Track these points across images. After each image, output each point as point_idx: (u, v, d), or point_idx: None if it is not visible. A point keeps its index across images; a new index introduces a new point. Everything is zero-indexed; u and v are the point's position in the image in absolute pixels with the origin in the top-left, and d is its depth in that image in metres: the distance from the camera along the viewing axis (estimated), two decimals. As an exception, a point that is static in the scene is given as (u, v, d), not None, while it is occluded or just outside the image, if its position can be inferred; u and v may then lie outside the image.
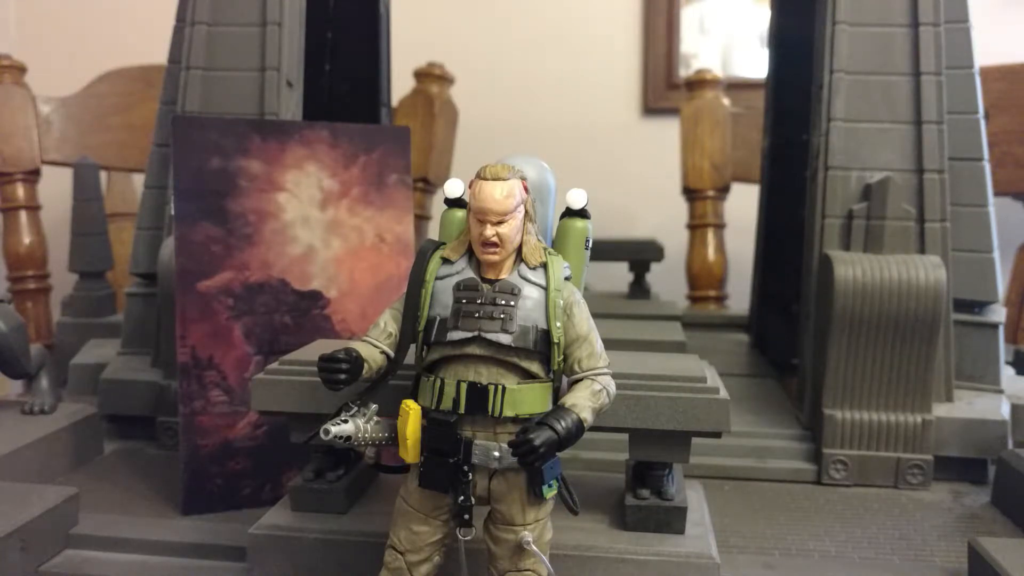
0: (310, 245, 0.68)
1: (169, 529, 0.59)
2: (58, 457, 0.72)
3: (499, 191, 0.42)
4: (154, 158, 0.90)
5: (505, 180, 0.42)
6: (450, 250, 0.45)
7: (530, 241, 0.43)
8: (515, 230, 0.42)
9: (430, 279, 0.44)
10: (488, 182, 0.42)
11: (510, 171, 0.43)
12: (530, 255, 0.43)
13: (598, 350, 0.44)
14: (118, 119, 1.48)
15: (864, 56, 0.81)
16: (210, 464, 0.64)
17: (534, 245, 0.43)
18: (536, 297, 0.43)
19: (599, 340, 0.44)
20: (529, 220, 0.44)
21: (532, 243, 0.43)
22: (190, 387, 0.63)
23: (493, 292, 0.42)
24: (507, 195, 0.42)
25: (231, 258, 0.65)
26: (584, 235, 0.46)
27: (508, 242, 0.42)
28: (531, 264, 0.43)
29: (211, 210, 0.65)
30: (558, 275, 0.43)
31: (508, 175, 0.42)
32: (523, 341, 0.42)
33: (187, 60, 0.84)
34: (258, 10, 0.83)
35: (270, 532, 0.53)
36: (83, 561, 0.56)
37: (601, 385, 0.43)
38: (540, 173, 0.47)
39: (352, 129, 0.70)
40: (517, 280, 0.43)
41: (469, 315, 0.42)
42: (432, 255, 0.44)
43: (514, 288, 0.42)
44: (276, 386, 0.55)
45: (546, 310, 0.43)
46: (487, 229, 0.42)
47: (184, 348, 0.63)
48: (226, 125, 0.68)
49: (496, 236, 0.42)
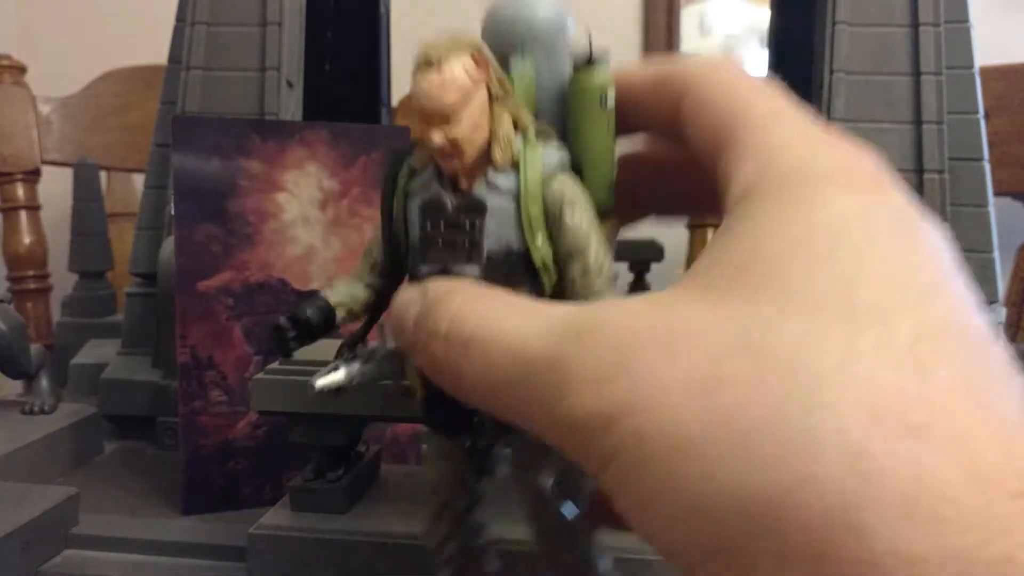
0: (310, 245, 0.68)
1: (169, 529, 0.59)
2: (58, 457, 0.72)
3: (433, 82, 0.28)
4: (154, 158, 0.90)
5: (440, 64, 0.28)
6: (416, 157, 0.32)
7: (500, 132, 0.29)
8: (471, 127, 0.29)
9: (399, 194, 0.32)
10: (420, 70, 0.29)
11: (449, 47, 0.28)
12: (499, 153, 0.29)
13: (592, 264, 0.30)
14: (118, 119, 1.47)
15: (864, 56, 0.81)
16: (210, 464, 0.64)
17: (505, 137, 0.29)
18: (505, 210, 0.30)
19: (598, 249, 0.30)
20: (499, 102, 0.29)
21: (502, 134, 0.29)
22: (190, 387, 0.63)
23: (457, 212, 0.30)
24: (445, 86, 0.28)
25: (231, 258, 0.65)
26: (599, 93, 0.30)
27: (466, 144, 0.29)
28: (499, 166, 0.30)
29: (211, 210, 0.65)
30: (534, 174, 0.30)
31: (445, 54, 0.28)
32: (496, 272, 0.30)
33: (187, 60, 0.84)
34: (258, 10, 0.84)
35: (270, 532, 0.53)
36: (83, 561, 0.56)
37: None
38: (547, 10, 0.31)
39: (352, 129, 0.70)
40: (485, 191, 0.30)
41: (434, 244, 0.30)
42: (401, 165, 0.33)
43: (479, 204, 0.30)
44: (276, 386, 0.55)
45: (519, 225, 0.30)
46: (433, 134, 0.29)
47: (184, 348, 0.63)
48: (226, 125, 0.68)
49: (446, 142, 0.29)
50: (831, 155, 0.21)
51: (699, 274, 0.20)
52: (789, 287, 0.18)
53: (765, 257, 0.19)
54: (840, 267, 0.18)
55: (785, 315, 0.17)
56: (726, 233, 0.20)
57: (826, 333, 0.17)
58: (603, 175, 0.29)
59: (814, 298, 0.17)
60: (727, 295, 0.18)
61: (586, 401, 0.18)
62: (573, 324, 0.20)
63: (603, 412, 0.18)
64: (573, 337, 0.20)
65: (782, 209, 0.20)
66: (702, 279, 0.20)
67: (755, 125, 0.22)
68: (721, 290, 0.19)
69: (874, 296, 0.17)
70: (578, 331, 0.20)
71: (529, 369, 0.20)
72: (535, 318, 0.21)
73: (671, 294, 0.20)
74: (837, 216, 0.19)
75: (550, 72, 0.30)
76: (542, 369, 0.20)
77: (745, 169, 0.21)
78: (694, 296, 0.19)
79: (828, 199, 0.19)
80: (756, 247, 0.19)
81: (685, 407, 0.17)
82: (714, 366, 0.17)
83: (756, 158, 0.21)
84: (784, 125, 0.22)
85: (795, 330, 0.17)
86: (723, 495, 0.16)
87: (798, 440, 0.16)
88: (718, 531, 0.16)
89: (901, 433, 0.15)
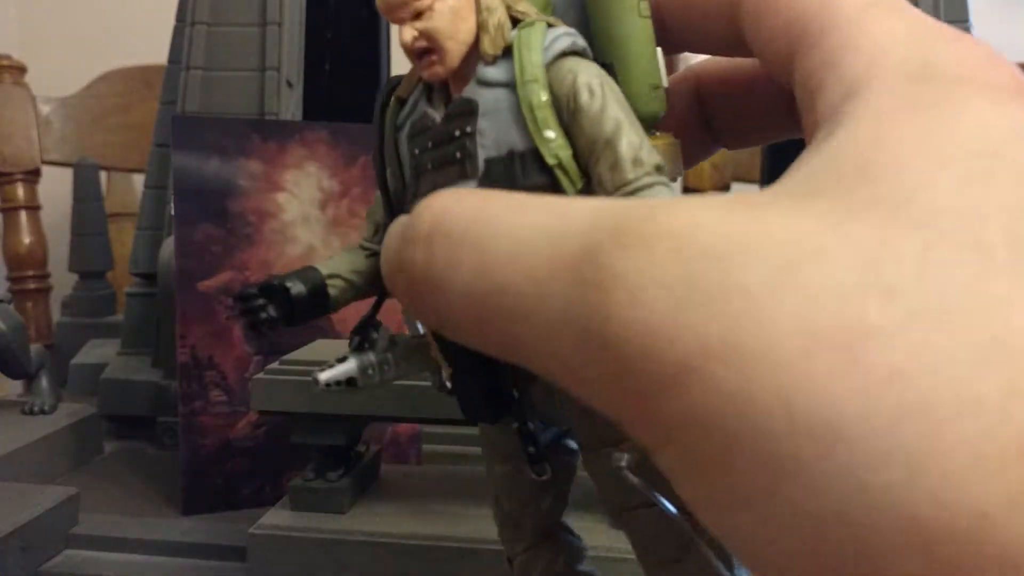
0: (310, 245, 0.68)
1: (169, 529, 0.59)
2: (58, 457, 0.72)
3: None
4: (154, 158, 0.90)
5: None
6: (402, 85, 0.26)
7: (489, 21, 0.23)
8: (449, 16, 0.23)
9: (389, 133, 0.26)
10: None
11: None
12: (488, 42, 0.23)
13: (624, 153, 0.21)
14: (118, 119, 1.47)
15: (864, 56, 0.81)
16: (210, 464, 0.64)
17: (496, 24, 0.23)
18: (501, 103, 0.23)
19: (632, 136, 0.21)
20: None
21: (493, 22, 0.23)
22: (190, 387, 0.63)
23: (445, 122, 0.24)
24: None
25: (231, 258, 0.65)
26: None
27: (444, 39, 0.23)
28: (489, 57, 0.23)
29: (211, 210, 0.65)
30: (532, 54, 0.22)
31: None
32: (499, 183, 0.22)
33: (187, 60, 0.84)
34: (258, 10, 0.84)
35: (270, 532, 0.53)
36: (83, 561, 0.56)
37: None
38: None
39: (352, 129, 0.70)
40: (474, 90, 0.23)
41: (423, 169, 0.25)
42: (388, 101, 0.27)
43: (467, 104, 0.23)
44: (276, 386, 0.55)
45: (520, 118, 0.22)
46: (403, 31, 0.23)
47: (184, 348, 0.63)
48: (226, 125, 0.68)
49: (419, 36, 0.23)
50: (960, 53, 0.16)
51: (802, 176, 0.15)
52: (937, 210, 0.13)
53: (897, 165, 0.14)
54: (1003, 196, 0.13)
55: (940, 250, 0.13)
56: (832, 135, 0.15)
57: (1009, 282, 0.12)
58: (642, 73, 0.22)
59: (977, 233, 0.13)
60: (852, 208, 0.13)
61: (640, 332, 0.13)
62: (612, 219, 0.14)
63: (668, 354, 0.13)
64: (615, 236, 0.14)
65: (914, 111, 0.15)
66: (808, 182, 0.14)
67: (849, 16, 0.17)
68: (839, 199, 0.14)
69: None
70: (619, 229, 0.14)
71: (548, 278, 0.14)
72: (552, 212, 0.15)
73: (766, 195, 0.14)
74: (989, 130, 0.14)
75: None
76: (565, 280, 0.14)
77: (848, 64, 0.17)
78: (802, 203, 0.14)
79: (971, 107, 0.15)
80: (881, 149, 0.14)
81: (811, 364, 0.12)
82: (850, 310, 0.12)
83: (860, 53, 0.16)
84: (889, 16, 0.17)
85: (962, 275, 0.12)
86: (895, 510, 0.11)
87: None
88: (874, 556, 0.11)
89: None
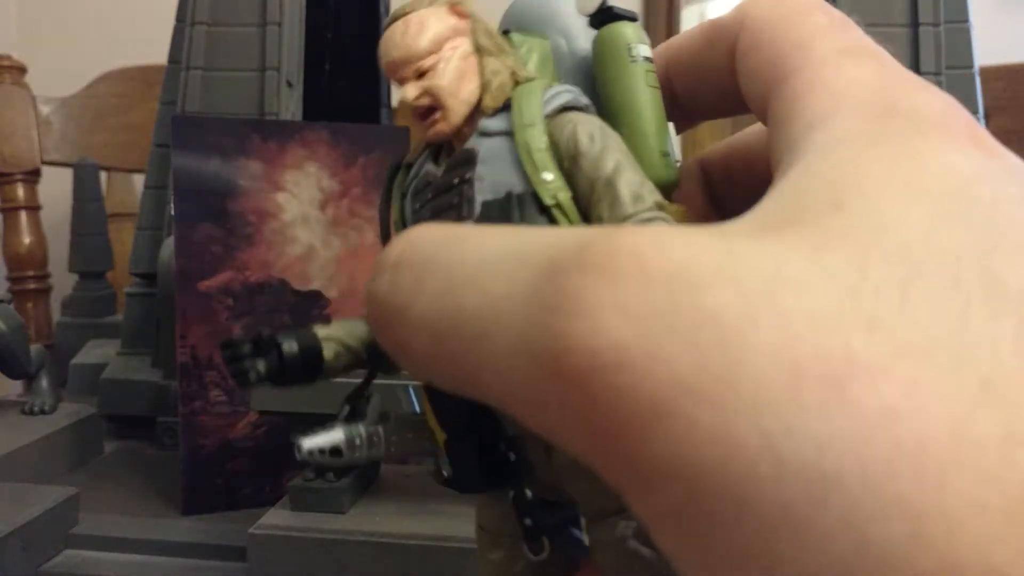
0: (310, 245, 0.68)
1: (169, 529, 0.59)
2: (58, 457, 0.72)
3: (398, 29, 0.24)
4: (154, 158, 0.90)
5: (409, 13, 0.24)
6: (410, 154, 0.27)
7: (493, 81, 0.24)
8: (453, 75, 0.24)
9: (396, 200, 0.27)
10: (388, 28, 0.25)
11: (421, 2, 0.24)
12: (489, 98, 0.24)
13: (623, 193, 0.21)
14: (118, 119, 1.48)
15: (864, 56, 0.81)
16: (210, 464, 0.64)
17: (498, 84, 0.24)
18: (499, 149, 0.23)
19: (631, 176, 0.22)
20: (490, 55, 0.24)
21: (496, 82, 0.24)
22: (190, 387, 0.63)
23: (446, 174, 0.24)
24: (413, 32, 0.24)
25: (231, 258, 0.65)
26: (624, 42, 0.24)
27: (447, 96, 0.24)
28: (489, 110, 0.24)
29: (211, 210, 0.65)
30: (531, 103, 0.23)
31: (414, 6, 0.24)
32: (494, 221, 0.23)
33: (187, 60, 0.84)
34: (258, 10, 0.84)
35: (270, 532, 0.53)
36: (83, 561, 0.56)
37: None
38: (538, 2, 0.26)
39: (352, 129, 0.71)
40: (474, 141, 0.24)
41: (421, 219, 0.25)
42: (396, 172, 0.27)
43: (467, 154, 0.24)
44: (276, 386, 0.55)
45: (517, 161, 0.23)
46: (407, 88, 0.24)
47: (184, 348, 0.63)
48: (226, 125, 0.68)
49: (424, 94, 0.24)
50: (924, 100, 0.16)
51: (771, 206, 0.14)
52: (912, 245, 0.13)
53: (868, 197, 0.13)
54: (974, 237, 0.13)
55: (920, 285, 0.12)
56: (798, 164, 0.15)
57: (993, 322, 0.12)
58: (652, 142, 0.23)
59: (954, 271, 0.12)
60: (827, 237, 0.13)
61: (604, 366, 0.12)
62: (576, 239, 0.13)
63: (637, 391, 0.12)
64: (577, 256, 0.13)
65: (880, 144, 0.15)
66: (778, 212, 0.14)
67: (821, 59, 0.18)
68: (812, 228, 0.13)
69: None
70: (581, 249, 0.13)
71: (505, 297, 0.14)
72: (519, 235, 0.15)
73: (737, 224, 0.14)
74: (954, 171, 0.14)
75: (572, 56, 0.25)
76: (522, 301, 0.13)
77: (814, 98, 0.17)
78: (774, 232, 0.13)
79: (935, 147, 0.15)
80: (851, 180, 0.14)
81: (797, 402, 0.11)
82: (834, 342, 0.12)
83: (826, 90, 0.17)
84: (859, 62, 0.17)
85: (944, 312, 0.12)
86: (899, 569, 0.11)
87: None
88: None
89: None
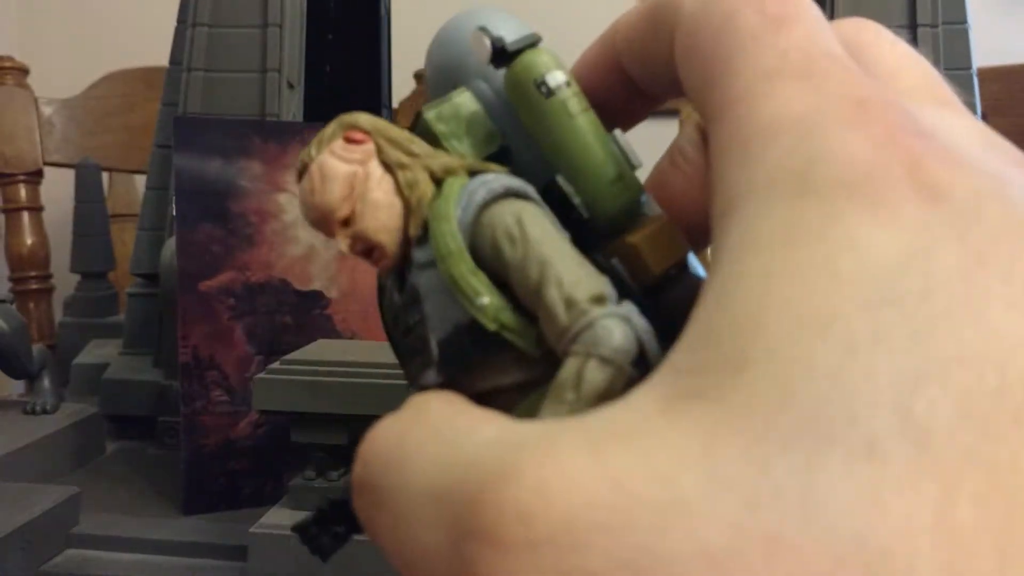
0: (311, 245, 0.68)
1: (171, 528, 0.60)
2: (60, 457, 0.72)
3: (305, 189, 0.22)
4: (155, 159, 0.90)
5: (309, 164, 0.22)
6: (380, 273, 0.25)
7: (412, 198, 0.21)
8: (373, 211, 0.21)
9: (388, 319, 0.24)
10: (300, 183, 0.22)
11: (316, 142, 0.22)
12: (412, 224, 0.21)
13: (553, 305, 0.18)
14: (120, 120, 1.48)
15: (863, 57, 0.81)
16: (211, 463, 0.64)
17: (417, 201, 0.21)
18: (435, 283, 0.21)
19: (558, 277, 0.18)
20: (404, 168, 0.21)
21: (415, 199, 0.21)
22: (191, 387, 0.64)
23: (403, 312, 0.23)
24: (321, 184, 0.21)
25: (232, 258, 0.66)
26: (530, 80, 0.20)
27: (375, 234, 0.21)
28: (415, 238, 0.22)
29: (212, 211, 0.65)
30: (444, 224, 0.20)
31: (312, 153, 0.22)
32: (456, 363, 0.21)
33: (188, 62, 0.84)
34: (259, 12, 0.84)
35: (271, 531, 0.53)
36: (84, 560, 0.57)
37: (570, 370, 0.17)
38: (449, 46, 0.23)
39: (353, 130, 0.71)
40: (415, 275, 0.22)
41: (403, 358, 0.24)
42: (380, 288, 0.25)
43: (413, 292, 0.22)
44: (277, 386, 0.55)
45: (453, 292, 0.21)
46: (339, 242, 0.22)
47: (185, 348, 0.64)
48: (227, 126, 0.68)
49: (355, 241, 0.22)
50: (853, 145, 0.13)
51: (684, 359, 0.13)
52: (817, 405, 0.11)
53: (769, 344, 0.12)
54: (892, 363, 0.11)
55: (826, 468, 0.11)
56: (715, 277, 0.14)
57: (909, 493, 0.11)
58: (594, 173, 0.21)
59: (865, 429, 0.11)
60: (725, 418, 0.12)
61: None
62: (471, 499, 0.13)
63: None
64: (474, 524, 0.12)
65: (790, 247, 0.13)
66: (689, 372, 0.13)
67: (746, 90, 0.15)
68: (714, 404, 0.12)
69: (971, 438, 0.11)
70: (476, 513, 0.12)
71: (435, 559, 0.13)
72: (441, 470, 0.14)
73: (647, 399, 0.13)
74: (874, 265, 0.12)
75: (498, 95, 0.23)
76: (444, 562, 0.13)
77: (731, 167, 0.14)
78: (677, 416, 0.12)
79: (853, 233, 0.12)
80: (757, 313, 0.12)
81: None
82: None
83: (745, 151, 0.14)
84: (787, 88, 0.14)
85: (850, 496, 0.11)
86: None
87: None
88: None
89: None
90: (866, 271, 0.12)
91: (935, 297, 0.12)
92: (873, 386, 0.11)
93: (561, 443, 0.12)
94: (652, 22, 0.18)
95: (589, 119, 0.20)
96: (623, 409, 0.13)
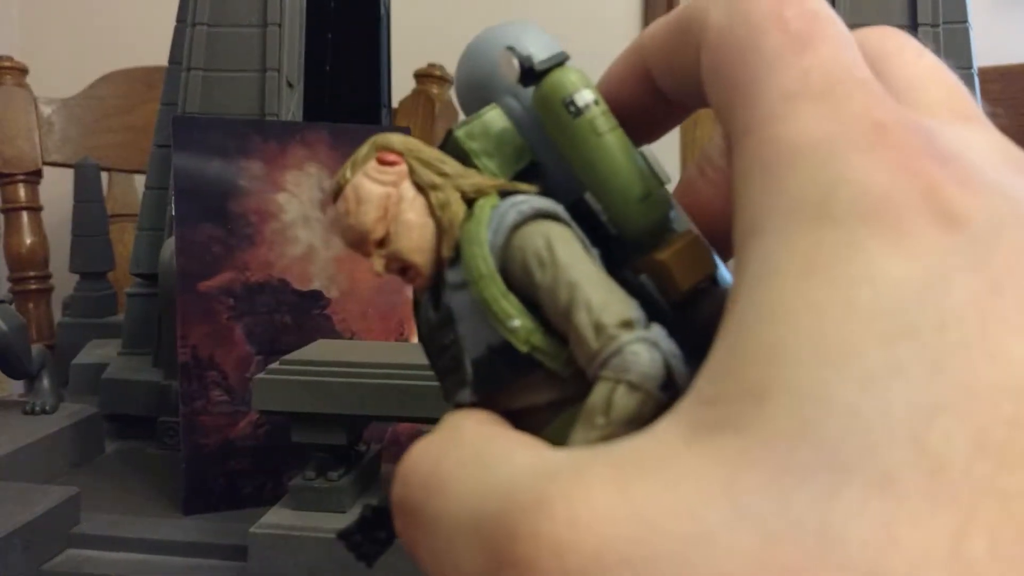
0: (310, 245, 0.68)
1: (170, 528, 0.60)
2: (59, 457, 0.72)
3: (340, 212, 0.23)
4: (155, 159, 0.90)
5: (344, 185, 0.22)
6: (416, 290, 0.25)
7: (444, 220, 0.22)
8: (407, 231, 0.22)
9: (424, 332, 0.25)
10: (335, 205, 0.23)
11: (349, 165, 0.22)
12: (445, 246, 0.22)
13: (583, 330, 0.18)
14: (119, 120, 1.48)
15: (863, 56, 0.81)
16: (211, 463, 0.64)
17: (449, 223, 0.22)
18: (468, 304, 0.22)
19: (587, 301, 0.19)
20: (437, 189, 0.22)
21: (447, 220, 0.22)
22: (191, 387, 0.64)
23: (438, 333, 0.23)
24: (356, 207, 0.22)
25: (232, 258, 0.66)
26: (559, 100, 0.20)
27: (409, 255, 0.22)
28: (448, 259, 0.22)
29: (212, 210, 0.65)
30: (476, 248, 0.21)
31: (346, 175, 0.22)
32: (491, 383, 0.21)
33: (188, 61, 0.84)
34: (258, 11, 0.84)
35: (271, 531, 0.53)
36: (85, 560, 0.57)
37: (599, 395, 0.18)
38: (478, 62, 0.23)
39: (352, 129, 0.71)
40: (448, 296, 0.23)
41: (440, 376, 0.24)
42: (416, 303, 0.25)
43: (448, 312, 0.22)
44: (277, 386, 0.55)
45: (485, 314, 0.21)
46: (374, 263, 0.23)
47: (185, 348, 0.64)
48: (227, 126, 0.68)
49: (391, 261, 0.22)
50: (871, 171, 0.13)
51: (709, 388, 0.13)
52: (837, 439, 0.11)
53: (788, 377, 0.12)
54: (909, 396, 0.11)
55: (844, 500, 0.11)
56: (737, 304, 0.14)
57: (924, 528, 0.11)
58: (621, 191, 0.21)
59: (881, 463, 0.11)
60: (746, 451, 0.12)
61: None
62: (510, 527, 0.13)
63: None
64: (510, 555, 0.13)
65: (810, 276, 0.13)
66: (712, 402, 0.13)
67: (769, 113, 0.14)
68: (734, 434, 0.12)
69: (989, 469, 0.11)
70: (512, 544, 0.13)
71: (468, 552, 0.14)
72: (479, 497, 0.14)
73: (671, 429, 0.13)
74: (891, 296, 0.12)
75: (528, 112, 0.23)
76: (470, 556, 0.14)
77: (752, 191, 0.14)
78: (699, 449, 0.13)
79: (871, 264, 0.12)
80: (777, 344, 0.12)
81: None
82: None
83: (762, 174, 0.14)
84: (807, 111, 0.14)
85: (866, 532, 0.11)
86: None
87: None
88: None
89: None
90: (882, 303, 0.12)
91: (950, 328, 0.12)
92: (889, 419, 0.11)
93: (590, 475, 0.13)
94: (680, 33, 0.18)
95: (617, 137, 0.20)
96: (649, 439, 0.13)
